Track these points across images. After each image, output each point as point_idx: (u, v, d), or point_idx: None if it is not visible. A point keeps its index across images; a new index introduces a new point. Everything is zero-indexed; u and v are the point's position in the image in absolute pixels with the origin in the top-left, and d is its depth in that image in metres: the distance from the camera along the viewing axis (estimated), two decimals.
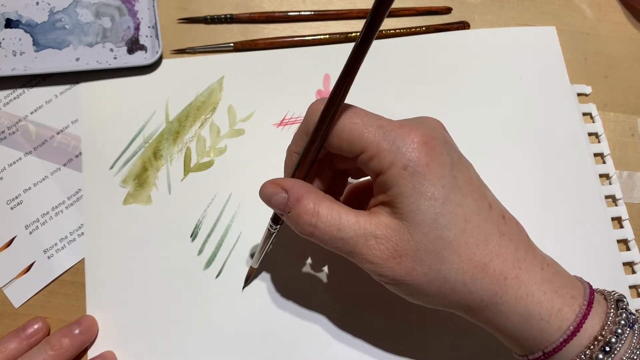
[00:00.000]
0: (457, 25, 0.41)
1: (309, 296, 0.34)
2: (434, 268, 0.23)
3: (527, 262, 0.24)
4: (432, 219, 0.23)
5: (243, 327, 0.33)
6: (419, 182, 0.23)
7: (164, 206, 0.36)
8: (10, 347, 0.31)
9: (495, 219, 0.24)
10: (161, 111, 0.38)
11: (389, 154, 0.23)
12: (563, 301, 0.24)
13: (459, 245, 0.23)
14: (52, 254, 0.35)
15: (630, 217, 0.36)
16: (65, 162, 0.37)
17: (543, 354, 0.24)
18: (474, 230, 0.23)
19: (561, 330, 0.23)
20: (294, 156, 0.26)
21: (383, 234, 0.23)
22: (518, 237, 0.25)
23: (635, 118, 0.40)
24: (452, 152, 0.24)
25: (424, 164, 0.23)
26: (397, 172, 0.23)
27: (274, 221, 0.28)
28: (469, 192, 0.24)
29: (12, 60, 0.37)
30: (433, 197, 0.23)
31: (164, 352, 0.33)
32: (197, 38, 0.40)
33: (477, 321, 0.26)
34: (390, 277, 0.24)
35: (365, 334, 0.33)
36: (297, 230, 0.25)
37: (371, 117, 0.24)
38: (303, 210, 0.24)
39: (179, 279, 0.34)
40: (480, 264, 0.23)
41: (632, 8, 0.42)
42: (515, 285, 0.24)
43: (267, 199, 0.26)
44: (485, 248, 0.23)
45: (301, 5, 0.41)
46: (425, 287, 0.24)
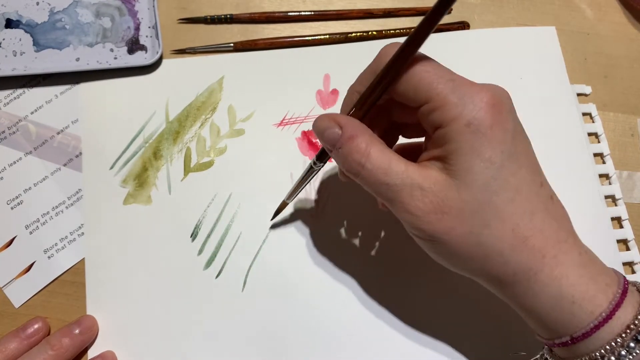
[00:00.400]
0: (457, 25, 0.41)
1: (309, 296, 0.34)
2: (474, 231, 0.23)
3: (567, 244, 0.24)
4: (484, 181, 0.22)
5: (243, 327, 0.33)
6: (479, 141, 0.22)
7: (164, 206, 0.36)
8: (10, 347, 0.31)
9: (544, 197, 0.24)
10: (161, 111, 0.38)
11: (455, 107, 0.22)
12: (597, 287, 0.23)
13: (505, 213, 0.23)
14: (52, 254, 0.35)
15: (630, 217, 0.36)
16: (65, 162, 0.37)
17: (571, 339, 0.23)
18: (523, 202, 0.23)
19: (593, 316, 0.23)
20: (355, 95, 0.25)
21: (430, 187, 0.23)
22: (562, 219, 0.25)
23: (635, 118, 0.40)
24: (516, 122, 0.24)
25: (488, 125, 0.22)
26: (459, 127, 0.22)
27: (318, 158, 0.28)
28: (525, 164, 0.24)
29: (12, 60, 0.37)
30: (490, 159, 0.22)
31: (164, 352, 0.33)
32: (197, 38, 0.40)
33: (503, 296, 0.25)
34: (427, 232, 0.23)
35: (366, 334, 0.33)
36: (345, 168, 0.25)
37: (443, 69, 0.23)
38: (355, 149, 0.24)
39: (179, 279, 0.34)
40: (521, 236, 0.23)
41: (632, 8, 0.42)
42: (552, 264, 0.23)
43: (320, 132, 0.25)
44: (530, 222, 0.23)
45: (301, 5, 0.41)
46: (460, 248, 0.23)
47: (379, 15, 0.41)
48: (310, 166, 0.29)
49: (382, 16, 0.41)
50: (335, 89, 0.38)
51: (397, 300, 0.34)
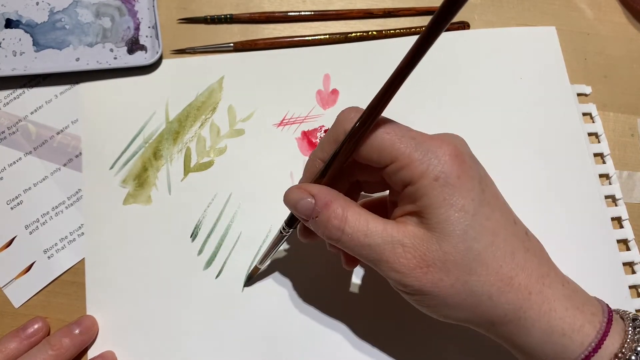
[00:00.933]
0: (457, 25, 0.41)
1: (309, 296, 0.34)
2: (460, 279, 0.23)
3: (550, 278, 0.24)
4: (462, 230, 0.23)
5: (243, 327, 0.33)
6: (449, 193, 0.23)
7: (164, 206, 0.36)
8: (11, 347, 0.31)
9: (520, 235, 0.25)
10: (161, 111, 0.38)
11: (421, 164, 0.23)
12: (584, 317, 0.24)
13: (487, 258, 0.23)
14: (52, 254, 0.35)
15: (630, 217, 0.36)
16: (65, 162, 0.37)
17: None
18: (501, 244, 0.24)
19: (583, 347, 0.23)
20: (318, 162, 0.26)
21: (411, 242, 0.23)
22: (540, 253, 0.25)
23: (635, 118, 0.40)
24: (479, 167, 0.25)
25: (456, 176, 0.23)
26: (429, 182, 0.23)
27: (288, 224, 0.28)
28: (496, 206, 0.24)
29: (12, 60, 0.37)
30: (463, 209, 0.23)
31: (164, 352, 0.33)
32: (197, 38, 0.40)
33: (496, 337, 0.26)
34: (415, 287, 0.24)
35: (366, 334, 0.33)
36: (324, 235, 0.25)
37: (403, 129, 0.24)
38: (332, 215, 0.24)
39: (179, 279, 0.34)
40: (506, 277, 0.23)
41: (632, 8, 0.42)
42: (539, 300, 0.24)
43: (293, 204, 0.25)
44: (512, 262, 0.24)
45: (301, 5, 0.41)
46: (450, 299, 0.24)
47: (378, 15, 0.41)
48: (280, 231, 0.29)
49: (382, 16, 0.41)
50: (335, 89, 0.38)
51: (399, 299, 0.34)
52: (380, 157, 0.24)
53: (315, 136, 0.37)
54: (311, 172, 0.27)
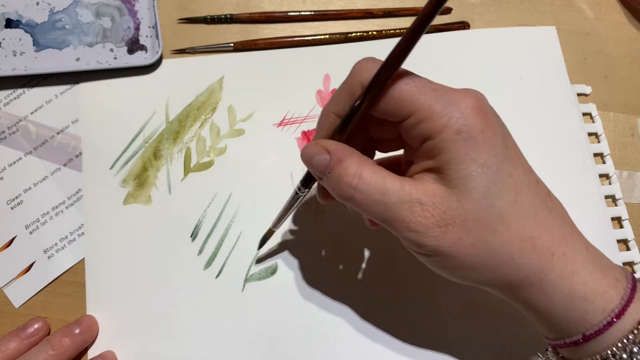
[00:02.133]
0: (457, 25, 0.41)
1: (309, 296, 0.34)
2: (481, 239, 0.22)
3: (572, 240, 0.23)
4: (484, 187, 0.22)
5: (243, 327, 0.33)
6: (472, 147, 0.21)
7: (164, 206, 0.36)
8: (11, 346, 0.31)
9: (543, 195, 0.24)
10: (161, 111, 0.38)
11: (442, 116, 0.22)
12: (608, 282, 0.23)
13: (510, 217, 0.22)
14: (52, 254, 0.35)
15: (630, 217, 0.36)
16: (65, 162, 0.37)
17: (583, 337, 0.23)
18: (524, 203, 0.22)
19: (605, 313, 0.22)
20: (332, 116, 0.25)
21: (430, 200, 0.22)
22: (563, 215, 0.24)
23: (635, 118, 0.40)
24: (502, 124, 0.23)
25: (479, 130, 0.22)
26: (450, 136, 0.21)
27: (303, 184, 0.27)
28: (519, 164, 0.23)
29: (12, 60, 0.37)
30: (486, 164, 0.22)
31: (164, 352, 0.33)
32: (197, 38, 0.40)
33: (515, 302, 0.24)
34: (433, 247, 0.23)
35: (366, 333, 0.33)
36: (336, 194, 0.24)
37: (423, 80, 0.23)
38: (344, 172, 0.23)
39: (179, 279, 0.34)
40: (529, 237, 0.22)
41: (632, 8, 0.42)
42: (562, 262, 0.23)
43: (308, 159, 0.24)
44: (535, 222, 0.22)
45: (301, 5, 0.41)
46: (469, 259, 0.22)
47: (378, 15, 0.41)
48: (296, 192, 0.28)
49: (382, 16, 0.41)
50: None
51: (398, 299, 0.34)
52: (398, 109, 0.22)
53: None
54: (325, 127, 0.25)
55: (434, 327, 0.33)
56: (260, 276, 0.34)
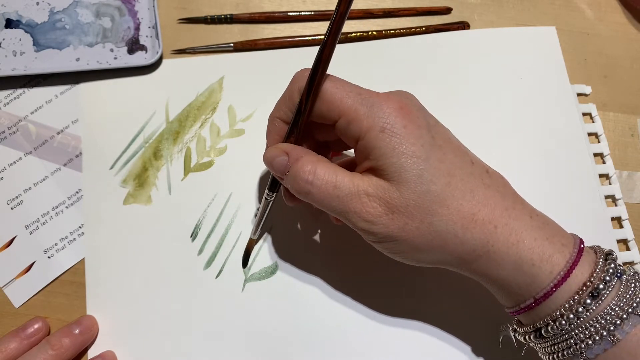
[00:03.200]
0: (457, 25, 0.41)
1: (308, 296, 0.34)
2: (425, 221, 0.24)
3: (515, 210, 0.25)
4: (417, 174, 0.24)
5: (243, 327, 0.33)
6: (398, 142, 0.24)
7: (164, 206, 0.36)
8: (11, 346, 0.31)
9: (479, 173, 0.26)
10: (161, 111, 0.38)
11: (367, 117, 0.24)
12: (554, 248, 0.24)
13: (446, 198, 0.24)
14: (52, 253, 0.35)
15: (630, 217, 0.36)
16: (65, 162, 0.37)
17: (534, 300, 0.25)
18: (459, 184, 0.24)
19: (552, 276, 0.24)
20: (277, 121, 0.28)
21: (375, 192, 0.24)
22: (504, 188, 0.26)
23: (635, 118, 0.40)
24: (427, 117, 0.26)
25: (401, 126, 0.24)
26: (376, 134, 0.24)
27: (270, 189, 0.30)
28: (449, 149, 0.25)
29: (12, 60, 0.37)
30: (414, 154, 0.24)
31: (164, 352, 0.33)
32: (197, 38, 0.40)
33: (470, 274, 0.26)
34: (384, 234, 0.25)
35: (366, 332, 0.33)
36: (295, 190, 0.26)
37: (351, 85, 0.26)
38: (301, 169, 0.25)
39: (179, 279, 0.34)
40: (468, 214, 0.24)
41: (632, 8, 0.42)
42: (506, 232, 0.24)
43: (270, 162, 0.27)
44: (472, 199, 0.24)
45: (301, 5, 0.41)
46: (418, 241, 0.25)
47: (378, 15, 0.41)
48: (265, 198, 0.30)
49: (382, 16, 0.41)
50: None
51: (400, 300, 0.34)
52: (329, 111, 0.25)
53: None
54: (273, 133, 0.28)
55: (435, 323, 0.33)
56: (260, 276, 0.34)
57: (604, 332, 0.23)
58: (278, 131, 0.28)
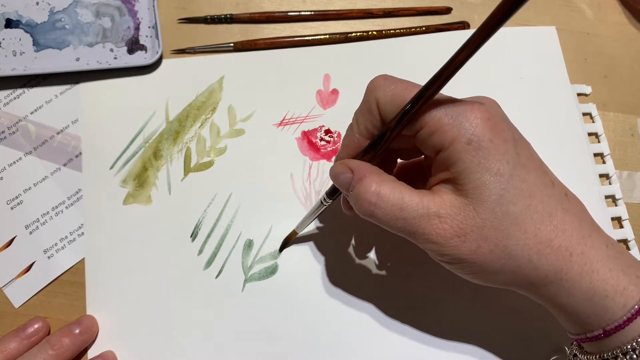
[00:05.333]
0: (457, 25, 0.41)
1: (308, 296, 0.34)
2: (499, 245, 0.23)
3: (592, 238, 0.24)
4: (499, 194, 0.22)
5: (243, 327, 0.33)
6: (484, 157, 0.22)
7: (164, 206, 0.36)
8: (10, 346, 0.31)
9: (558, 196, 0.24)
10: (161, 111, 0.38)
11: (452, 128, 0.22)
12: (629, 280, 0.23)
13: (524, 221, 0.23)
14: (52, 254, 0.35)
15: (630, 217, 0.36)
16: (65, 162, 0.37)
17: (604, 332, 0.24)
18: (538, 206, 0.23)
19: (625, 309, 0.23)
20: (355, 136, 0.26)
21: (447, 212, 0.23)
22: (581, 214, 0.25)
23: (635, 118, 0.40)
24: (512, 129, 0.24)
25: (488, 139, 0.22)
26: (461, 147, 0.22)
27: (329, 196, 0.29)
28: (532, 168, 0.24)
29: (12, 60, 0.37)
30: (499, 172, 0.22)
31: (164, 352, 0.33)
32: (197, 38, 0.40)
33: (537, 298, 0.25)
34: (453, 256, 0.24)
35: (366, 332, 0.33)
36: (358, 210, 0.25)
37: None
38: (364, 190, 0.24)
39: (179, 279, 0.34)
40: (545, 239, 0.23)
41: (632, 8, 0.42)
42: (581, 261, 0.23)
43: (335, 177, 0.26)
44: (550, 224, 0.23)
45: (301, 5, 0.41)
46: (490, 264, 0.23)
47: (378, 15, 0.41)
48: (321, 202, 0.29)
49: (382, 16, 0.41)
50: (335, 89, 0.38)
51: (399, 300, 0.34)
52: (411, 124, 0.23)
53: (315, 136, 0.37)
54: (349, 146, 0.27)
55: (441, 326, 0.33)
56: (260, 276, 0.34)
57: None
58: (354, 145, 0.26)
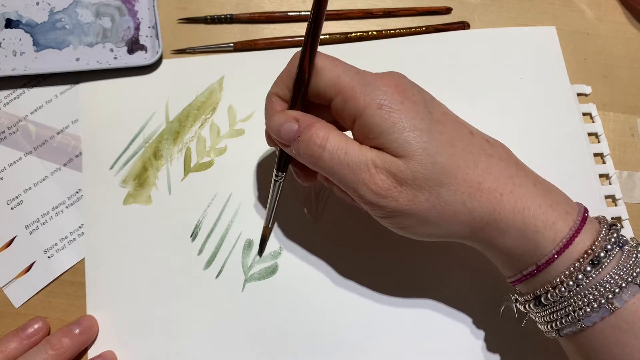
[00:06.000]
0: (457, 25, 0.41)
1: (308, 296, 0.34)
2: (433, 193, 0.24)
3: (519, 178, 0.25)
4: (422, 147, 0.24)
5: (243, 327, 0.33)
6: (397, 117, 0.24)
7: (164, 206, 0.36)
8: (11, 346, 0.31)
9: (479, 143, 0.26)
10: (161, 111, 0.38)
11: (364, 95, 0.24)
12: (557, 215, 0.25)
13: (452, 168, 0.24)
14: (52, 253, 0.35)
15: (630, 217, 0.36)
16: (65, 162, 0.37)
17: (536, 267, 0.25)
18: (462, 154, 0.25)
19: (554, 243, 0.24)
20: (275, 98, 0.27)
21: (382, 164, 0.24)
22: (507, 157, 0.26)
23: (635, 118, 0.40)
24: (422, 93, 0.26)
25: (399, 102, 0.24)
26: (374, 111, 0.24)
27: (278, 168, 0.29)
28: (447, 122, 0.26)
29: (12, 60, 0.37)
30: (416, 128, 0.24)
31: (164, 352, 0.33)
32: (197, 38, 0.40)
33: (476, 243, 0.27)
34: (393, 207, 0.25)
35: (366, 331, 0.33)
36: (306, 155, 0.26)
37: (347, 65, 0.26)
38: (315, 134, 0.25)
39: (179, 279, 0.34)
40: (474, 183, 0.24)
41: (632, 8, 0.42)
42: (512, 200, 0.25)
43: (277, 129, 0.26)
44: (476, 168, 0.25)
45: (301, 5, 0.41)
46: (427, 213, 0.25)
47: (378, 15, 0.41)
48: (274, 180, 0.30)
49: (381, 16, 0.41)
50: None
51: (399, 300, 0.34)
52: (326, 89, 0.25)
53: None
54: (269, 108, 0.28)
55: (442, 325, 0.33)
56: (260, 276, 0.34)
57: (602, 300, 0.23)
58: (278, 108, 0.27)
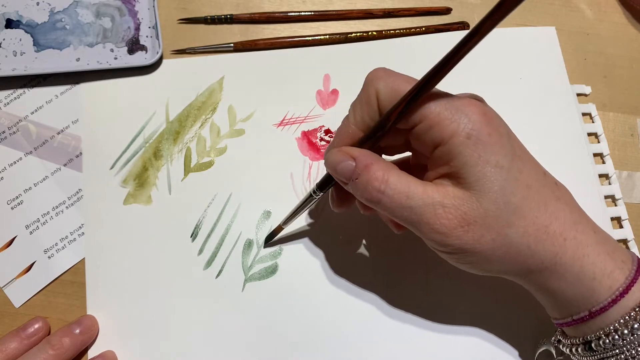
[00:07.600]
0: (457, 26, 0.41)
1: (308, 296, 0.34)
2: (501, 233, 0.24)
3: (582, 224, 0.25)
4: (500, 186, 0.23)
5: (243, 327, 0.33)
6: (483, 150, 0.23)
7: (164, 206, 0.36)
8: (11, 346, 0.31)
9: (550, 185, 0.26)
10: (161, 111, 0.38)
11: (451, 123, 0.23)
12: (615, 264, 0.25)
13: (524, 210, 0.24)
14: (52, 253, 0.35)
15: (630, 217, 0.36)
16: (65, 162, 0.37)
17: (589, 313, 0.25)
18: (535, 196, 0.24)
19: (611, 291, 0.24)
20: (351, 127, 0.26)
21: (451, 203, 0.24)
22: (571, 202, 0.26)
23: (635, 118, 0.40)
24: (505, 124, 0.25)
25: (487, 134, 0.23)
26: (460, 141, 0.23)
27: (319, 188, 0.28)
28: (526, 160, 0.25)
29: (12, 61, 0.37)
30: (498, 164, 0.23)
31: (164, 352, 0.33)
32: (197, 38, 0.40)
33: (529, 285, 0.26)
34: (456, 246, 0.24)
35: (366, 331, 0.33)
36: (364, 197, 0.25)
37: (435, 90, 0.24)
38: (372, 177, 0.24)
39: (179, 279, 0.34)
40: (542, 226, 0.24)
41: (632, 8, 0.42)
42: (574, 245, 0.24)
43: (333, 167, 0.26)
44: (546, 211, 0.24)
45: (301, 6, 0.41)
46: (491, 253, 0.24)
47: (378, 15, 0.41)
48: (310, 194, 0.29)
49: (382, 16, 0.41)
50: (335, 89, 0.38)
51: (398, 299, 0.34)
52: (412, 117, 0.24)
53: (315, 136, 0.37)
54: (344, 136, 0.26)
55: (443, 323, 0.33)
56: (260, 276, 0.34)
57: None
58: (349, 135, 0.26)
